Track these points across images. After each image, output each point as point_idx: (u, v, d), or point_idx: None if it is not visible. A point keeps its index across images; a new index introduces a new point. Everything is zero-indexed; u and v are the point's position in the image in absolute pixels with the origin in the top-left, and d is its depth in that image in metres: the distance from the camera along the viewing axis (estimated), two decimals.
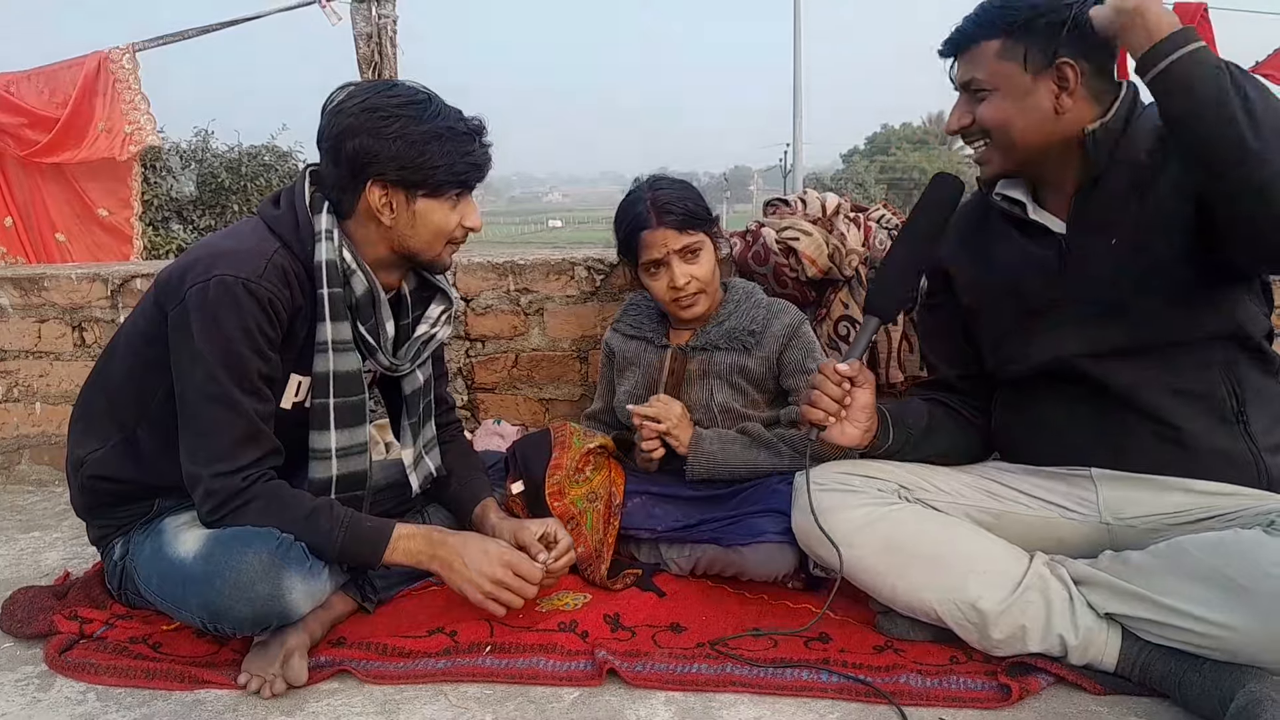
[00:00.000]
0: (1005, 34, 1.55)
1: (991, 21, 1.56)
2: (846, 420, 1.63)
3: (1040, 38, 1.52)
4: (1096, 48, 1.53)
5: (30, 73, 5.10)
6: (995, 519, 1.67)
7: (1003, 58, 1.56)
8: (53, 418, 2.95)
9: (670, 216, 2.01)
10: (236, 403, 1.59)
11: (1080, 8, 1.50)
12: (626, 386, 2.18)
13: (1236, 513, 1.49)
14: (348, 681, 1.61)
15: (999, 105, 1.58)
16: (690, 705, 1.51)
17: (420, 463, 1.92)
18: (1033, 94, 1.55)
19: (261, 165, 10.36)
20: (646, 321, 2.19)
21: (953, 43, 1.62)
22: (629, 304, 2.26)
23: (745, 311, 2.10)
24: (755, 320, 2.08)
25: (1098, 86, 1.56)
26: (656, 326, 2.17)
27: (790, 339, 2.07)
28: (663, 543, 2.00)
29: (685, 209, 2.03)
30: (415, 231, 1.71)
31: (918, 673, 1.53)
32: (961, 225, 1.80)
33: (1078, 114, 1.56)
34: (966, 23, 1.60)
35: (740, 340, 2.06)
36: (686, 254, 2.03)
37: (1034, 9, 1.53)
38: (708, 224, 2.07)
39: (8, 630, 1.80)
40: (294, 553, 1.58)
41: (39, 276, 2.94)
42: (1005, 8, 1.55)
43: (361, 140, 1.63)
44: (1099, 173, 1.58)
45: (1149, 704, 1.46)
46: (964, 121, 1.63)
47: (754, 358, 2.06)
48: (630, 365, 2.18)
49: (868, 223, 2.44)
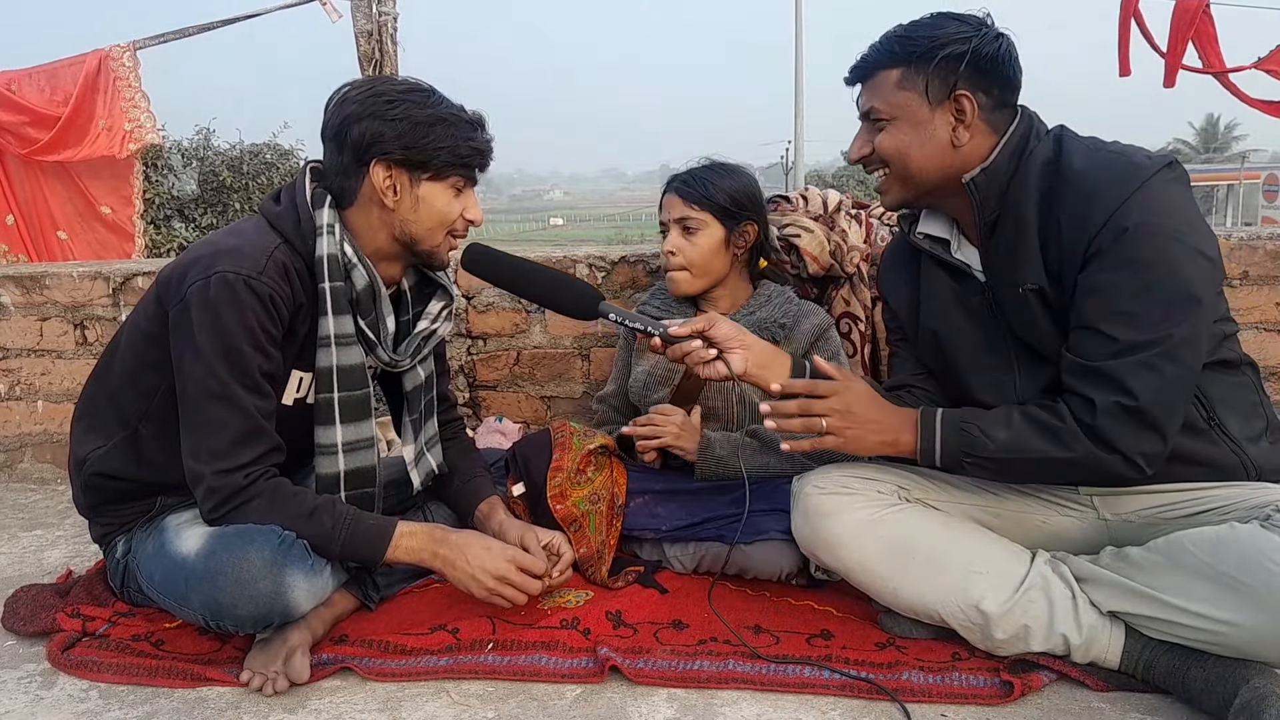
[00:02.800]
0: (905, 63, 1.54)
1: (892, 51, 1.56)
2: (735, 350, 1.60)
3: (940, 69, 1.52)
4: (995, 82, 1.54)
5: (32, 71, 5.11)
6: (995, 517, 1.67)
7: (902, 87, 1.55)
8: (55, 416, 2.95)
9: (684, 186, 2.11)
10: (238, 400, 1.59)
11: (979, 42, 1.51)
12: (645, 366, 2.18)
13: (1231, 504, 1.49)
14: (350, 679, 1.61)
15: (897, 135, 1.57)
16: (692, 702, 1.51)
17: (421, 460, 1.92)
18: (930, 124, 1.55)
19: (263, 163, 10.38)
20: (675, 305, 2.20)
21: (856, 70, 1.62)
22: (656, 288, 2.29)
23: (777, 305, 2.13)
24: (787, 314, 2.11)
25: (995, 120, 1.55)
26: (685, 311, 2.18)
27: (818, 339, 2.10)
28: (666, 541, 2.00)
29: (703, 188, 2.09)
30: (418, 217, 1.71)
31: (920, 669, 1.53)
32: (896, 258, 1.81)
33: (974, 147, 1.55)
34: (870, 51, 1.59)
35: (769, 331, 2.07)
36: (684, 227, 2.09)
37: (934, 40, 1.52)
38: (724, 212, 2.09)
39: (10, 628, 1.80)
40: (296, 550, 1.58)
41: (41, 275, 2.94)
42: (906, 38, 1.55)
43: (367, 124, 1.64)
44: (993, 217, 1.57)
45: (1152, 700, 1.46)
46: (864, 151, 1.62)
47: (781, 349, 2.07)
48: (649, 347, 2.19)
49: (869, 219, 2.44)
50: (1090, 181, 1.45)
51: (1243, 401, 1.56)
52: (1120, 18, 5.20)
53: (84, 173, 5.20)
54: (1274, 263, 2.51)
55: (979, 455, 1.52)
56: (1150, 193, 1.42)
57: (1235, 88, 5.32)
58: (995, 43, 1.52)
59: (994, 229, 1.57)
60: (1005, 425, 1.51)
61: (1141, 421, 1.41)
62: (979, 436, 1.51)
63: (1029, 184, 1.52)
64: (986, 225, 1.58)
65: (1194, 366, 1.44)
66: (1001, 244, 1.57)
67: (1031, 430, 1.48)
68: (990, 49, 1.52)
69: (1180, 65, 5.18)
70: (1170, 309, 1.41)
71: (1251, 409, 1.57)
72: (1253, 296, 2.51)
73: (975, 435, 1.52)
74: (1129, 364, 1.41)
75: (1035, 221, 1.52)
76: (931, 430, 1.55)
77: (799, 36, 21.76)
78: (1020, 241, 1.53)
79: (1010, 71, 1.55)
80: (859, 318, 2.36)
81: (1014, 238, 1.54)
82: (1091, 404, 1.43)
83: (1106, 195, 1.42)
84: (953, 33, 1.52)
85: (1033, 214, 1.52)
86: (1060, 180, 1.50)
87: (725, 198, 2.09)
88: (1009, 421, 1.51)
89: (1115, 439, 1.42)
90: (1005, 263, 1.56)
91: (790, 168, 27.92)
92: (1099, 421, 1.42)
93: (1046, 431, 1.47)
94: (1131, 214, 1.41)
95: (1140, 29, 5.18)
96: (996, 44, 1.53)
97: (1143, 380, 1.40)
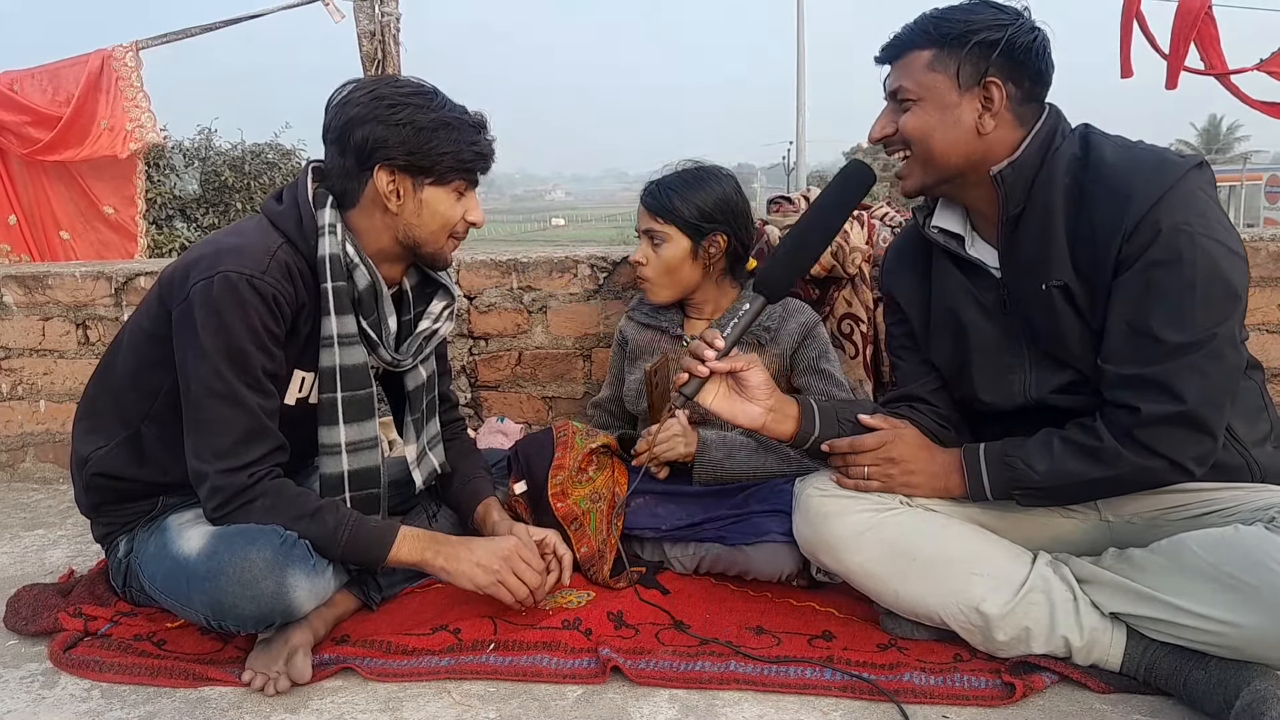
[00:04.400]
0: (938, 45, 1.54)
1: (926, 31, 1.55)
2: (744, 399, 1.63)
3: (973, 54, 1.51)
4: (1026, 74, 1.53)
5: (34, 70, 5.10)
6: (997, 519, 1.66)
7: (933, 69, 1.54)
8: (57, 415, 2.96)
9: (649, 197, 2.12)
10: (242, 399, 1.60)
11: (1015, 31, 1.50)
12: (637, 375, 2.18)
13: (1235, 506, 1.49)
14: (351, 679, 1.61)
15: (922, 116, 1.56)
16: (694, 703, 1.51)
17: (423, 459, 1.92)
18: (957, 109, 1.54)
19: (265, 163, 10.37)
20: (662, 311, 2.20)
21: (887, 49, 1.61)
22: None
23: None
24: (771, 316, 2.10)
25: (1022, 112, 1.55)
26: (672, 316, 2.19)
27: (805, 338, 2.09)
28: (666, 541, 2.00)
29: (667, 200, 2.08)
30: (420, 221, 1.71)
31: (921, 670, 1.53)
32: (905, 253, 1.80)
33: (998, 137, 1.55)
34: (903, 30, 1.59)
35: (754, 334, 2.07)
36: (650, 238, 2.11)
37: (969, 24, 1.52)
38: (687, 225, 2.08)
39: (12, 628, 1.81)
40: (298, 550, 1.58)
41: (43, 274, 2.94)
42: (942, 19, 1.54)
43: (370, 128, 1.64)
44: (1017, 211, 1.56)
45: (1153, 702, 1.45)
46: (887, 130, 1.61)
47: (768, 354, 2.07)
48: (642, 354, 2.19)
49: (871, 220, 2.44)
50: (1124, 177, 1.45)
51: (1249, 404, 1.56)
52: (1122, 19, 5.20)
53: (86, 173, 5.20)
54: (1276, 264, 2.51)
55: (1027, 487, 1.53)
56: (1185, 190, 1.42)
57: (1237, 89, 5.32)
58: (1030, 34, 1.52)
59: (1017, 224, 1.57)
60: (1046, 453, 1.51)
61: (1191, 425, 1.41)
62: (1023, 469, 1.52)
63: (1055, 179, 1.52)
64: (1009, 220, 1.57)
65: (1238, 365, 1.44)
66: (1025, 240, 1.56)
67: (1071, 454, 1.49)
68: (1025, 40, 1.51)
69: (1182, 67, 5.18)
70: (1214, 307, 1.41)
71: (1257, 412, 1.57)
72: (1255, 299, 2.51)
73: (1019, 469, 1.53)
74: (1175, 368, 1.40)
75: (1062, 217, 1.51)
76: (977, 471, 1.57)
77: (800, 37, 21.78)
78: (1046, 237, 1.53)
79: (1042, 65, 1.54)
80: (861, 319, 2.36)
81: (1039, 233, 1.54)
82: (1136, 412, 1.42)
83: (1142, 191, 1.42)
84: (989, 19, 1.52)
85: (1059, 209, 1.51)
86: (1091, 176, 1.49)
87: (691, 211, 2.07)
88: (1049, 449, 1.51)
89: (1163, 446, 1.42)
90: (1028, 259, 1.56)
91: (792, 168, 27.91)
92: (1145, 430, 1.42)
93: (1085, 453, 1.47)
94: (1168, 211, 1.40)
95: (1142, 30, 5.17)
96: (1031, 36, 1.52)
97: (1191, 383, 1.40)
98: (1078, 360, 1.54)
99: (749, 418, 1.63)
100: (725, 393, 1.63)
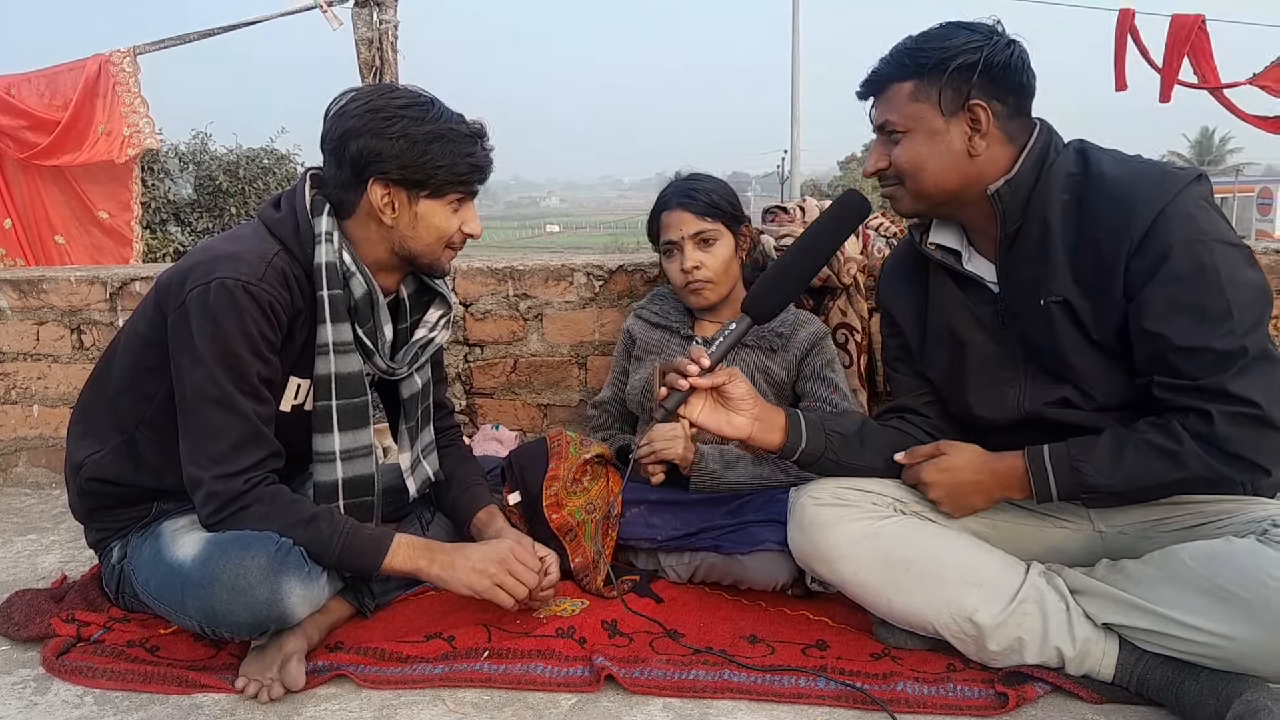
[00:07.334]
0: (917, 76, 1.54)
1: (903, 63, 1.56)
2: (729, 411, 1.62)
3: (953, 80, 1.52)
4: (1009, 89, 1.54)
5: (31, 75, 5.11)
6: (991, 529, 1.67)
7: (916, 99, 1.55)
8: (50, 420, 2.95)
9: (689, 201, 2.11)
10: (237, 405, 1.60)
11: (990, 51, 1.51)
12: (643, 374, 2.19)
13: (1227, 518, 1.50)
14: (345, 686, 1.61)
15: (913, 147, 1.56)
16: (687, 712, 1.51)
17: (418, 467, 1.92)
18: (946, 135, 1.54)
19: (260, 168, 10.38)
20: (673, 311, 2.21)
21: (867, 85, 1.62)
22: (655, 293, 2.30)
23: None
24: (784, 323, 2.12)
25: (1011, 128, 1.56)
26: (683, 317, 2.20)
27: (814, 347, 2.12)
28: (661, 550, 2.00)
29: (708, 198, 2.11)
30: (416, 233, 1.71)
31: (915, 680, 1.53)
32: (901, 268, 1.81)
33: (991, 156, 1.55)
34: (881, 64, 1.59)
35: (767, 340, 2.09)
36: (700, 241, 2.10)
37: (945, 51, 1.52)
38: (730, 218, 2.13)
39: (4, 633, 1.80)
40: (292, 557, 1.58)
41: (38, 279, 2.94)
42: (917, 50, 1.55)
43: (365, 141, 1.63)
44: (1015, 227, 1.57)
45: (1145, 713, 1.46)
46: (880, 165, 1.61)
47: (778, 360, 2.09)
48: (650, 353, 2.20)
49: (865, 231, 2.45)
50: (1126, 189, 1.46)
51: None
52: (1117, 33, 5.24)
53: (82, 177, 5.21)
54: (1270, 276, 2.52)
55: (1097, 491, 1.52)
56: (1189, 200, 1.43)
57: (1230, 103, 5.36)
58: (1007, 50, 1.52)
59: (1014, 240, 1.57)
60: (1118, 455, 1.49)
61: (1268, 425, 1.40)
62: (1093, 475, 1.50)
63: (1052, 195, 1.53)
64: (1007, 237, 1.57)
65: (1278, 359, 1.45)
66: (1023, 255, 1.57)
67: (1148, 456, 1.47)
68: (1002, 57, 1.51)
69: (1176, 80, 5.22)
70: (1251, 308, 1.41)
71: None
72: None
73: (1089, 474, 1.51)
74: (1237, 373, 1.40)
75: (1062, 232, 1.52)
76: (1044, 476, 1.54)
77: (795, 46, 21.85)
78: (1045, 253, 1.53)
79: (1024, 78, 1.55)
80: (855, 328, 2.37)
81: (1038, 249, 1.54)
82: (1209, 417, 1.42)
83: (1145, 202, 1.43)
84: (963, 43, 1.52)
85: (1057, 224, 1.52)
86: (1091, 190, 1.50)
87: (726, 205, 2.13)
88: (1120, 451, 1.49)
89: (1244, 449, 1.41)
90: (1027, 274, 1.56)
91: (786, 177, 27.98)
92: (1220, 433, 1.41)
93: (1165, 455, 1.46)
94: (1177, 223, 1.41)
95: (1137, 45, 5.21)
96: (1008, 51, 1.52)
97: (1258, 386, 1.40)
98: (1075, 374, 1.55)
99: (735, 429, 1.63)
100: (711, 406, 1.62)
